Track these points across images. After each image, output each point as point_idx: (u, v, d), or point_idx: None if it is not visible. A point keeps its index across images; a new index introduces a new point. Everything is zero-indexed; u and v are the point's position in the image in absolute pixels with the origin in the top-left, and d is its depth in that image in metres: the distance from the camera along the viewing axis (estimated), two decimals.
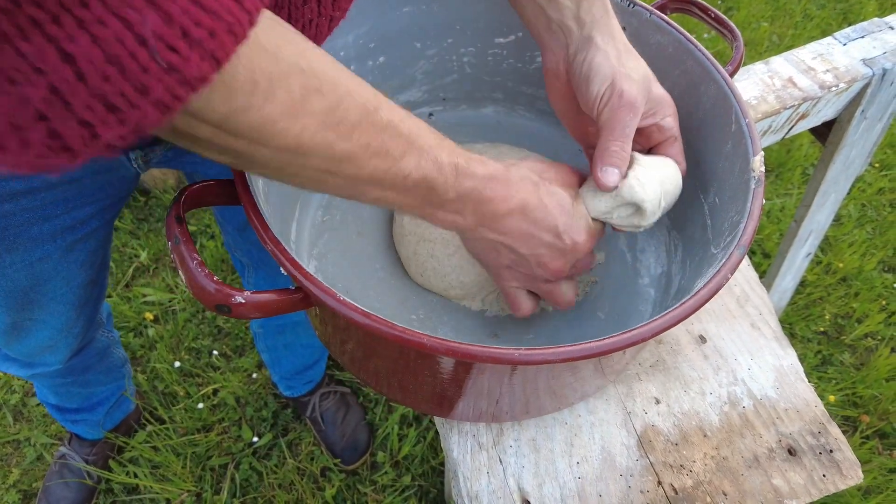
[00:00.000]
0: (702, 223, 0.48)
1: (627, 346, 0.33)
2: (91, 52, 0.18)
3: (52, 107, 0.19)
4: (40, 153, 0.20)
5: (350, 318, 0.32)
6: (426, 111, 0.66)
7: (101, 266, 0.68)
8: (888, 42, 0.84)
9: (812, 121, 0.84)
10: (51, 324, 0.69)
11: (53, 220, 0.56)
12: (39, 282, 0.61)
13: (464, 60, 0.62)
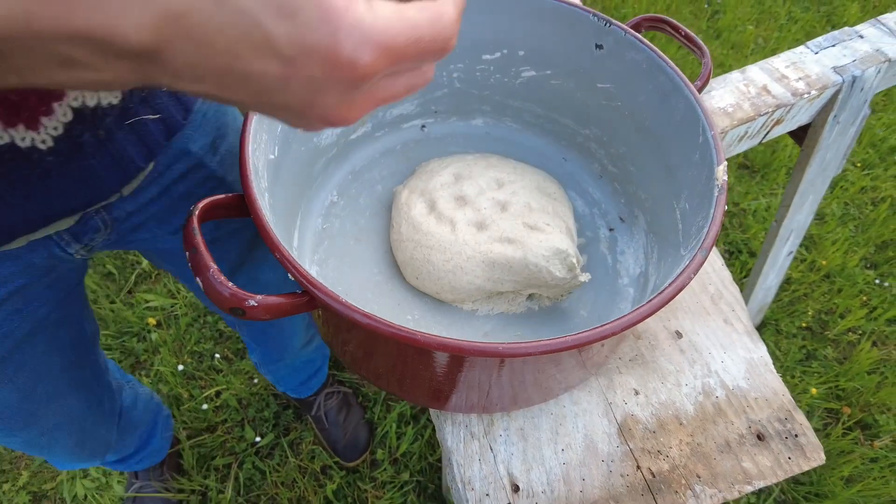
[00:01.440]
0: (674, 227, 0.52)
1: (598, 339, 0.37)
2: None
3: None
4: None
5: (352, 318, 0.36)
6: (419, 123, 0.70)
7: (80, 342, 0.63)
8: (858, 50, 0.88)
9: (787, 126, 0.89)
10: (65, 423, 0.66)
11: (15, 334, 0.52)
12: (29, 392, 0.58)
13: (454, 76, 0.66)
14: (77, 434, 0.69)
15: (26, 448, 0.66)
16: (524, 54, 0.63)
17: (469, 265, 0.55)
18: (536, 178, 0.62)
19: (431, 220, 0.57)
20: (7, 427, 0.60)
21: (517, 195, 0.59)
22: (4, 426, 0.60)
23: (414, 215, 0.58)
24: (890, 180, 1.76)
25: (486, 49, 0.63)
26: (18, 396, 0.57)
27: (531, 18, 0.58)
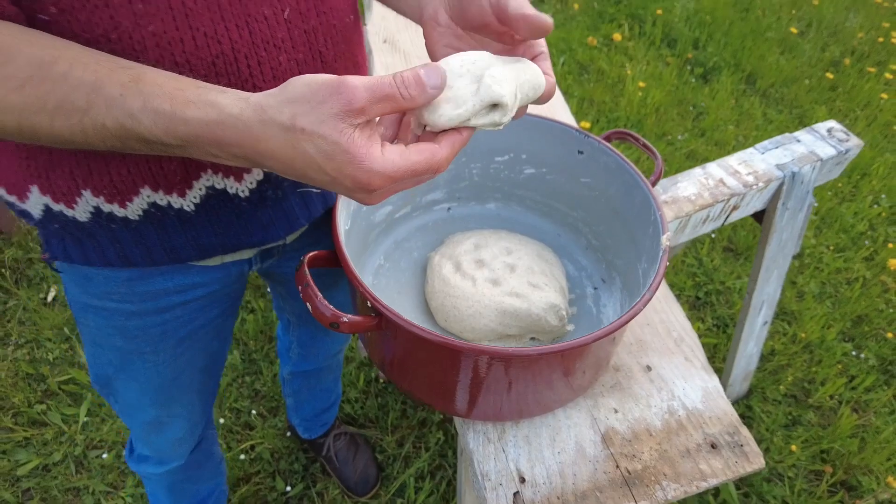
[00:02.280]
0: (638, 283, 0.71)
1: (567, 349, 0.54)
2: None
3: None
4: None
5: (414, 334, 0.54)
6: (446, 206, 0.91)
7: (218, 351, 0.82)
8: (796, 151, 1.09)
9: (744, 211, 1.08)
10: (184, 415, 0.84)
11: (194, 322, 0.72)
12: (178, 375, 0.76)
13: (473, 172, 0.87)
14: (185, 430, 0.86)
15: (146, 427, 0.83)
16: (526, 157, 0.84)
17: (486, 312, 0.73)
18: (537, 248, 0.81)
19: (457, 277, 0.75)
20: (151, 400, 0.78)
21: (522, 260, 0.78)
22: (151, 400, 0.78)
23: (444, 273, 0.76)
24: (861, 262, 1.94)
25: (497, 153, 0.85)
26: (171, 376, 0.76)
27: (531, 131, 0.80)
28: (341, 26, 0.58)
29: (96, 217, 0.57)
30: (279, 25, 0.51)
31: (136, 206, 0.56)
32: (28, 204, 0.57)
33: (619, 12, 3.27)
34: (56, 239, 0.61)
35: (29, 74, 0.39)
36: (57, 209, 0.56)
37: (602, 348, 0.64)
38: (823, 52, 3.12)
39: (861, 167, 2.31)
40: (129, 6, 0.45)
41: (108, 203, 0.55)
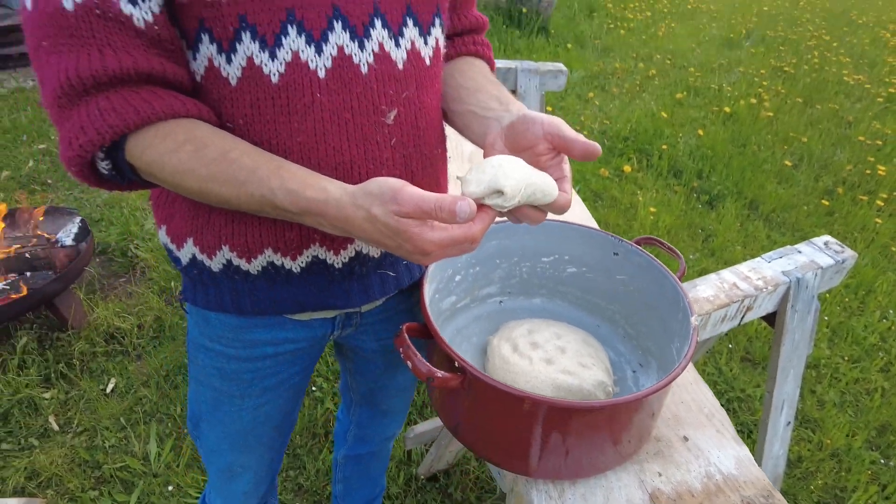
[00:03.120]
0: (673, 362, 0.83)
1: (610, 405, 0.66)
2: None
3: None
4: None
5: (495, 386, 0.67)
6: (498, 299, 1.06)
7: (291, 411, 0.93)
8: (798, 260, 1.25)
9: (757, 312, 1.22)
10: (253, 468, 0.94)
11: (278, 375, 0.85)
12: (256, 426, 0.88)
13: (522, 270, 1.03)
14: (252, 484, 0.95)
15: (220, 473, 0.93)
16: (568, 258, 1.01)
17: (542, 387, 0.85)
18: (582, 335, 0.95)
19: (515, 357, 0.89)
20: (229, 445, 0.89)
21: (571, 344, 0.92)
22: (230, 445, 0.89)
23: (503, 353, 0.90)
24: (877, 372, 2.02)
25: (543, 254, 1.01)
26: (250, 425, 0.87)
27: (573, 237, 0.97)
28: (431, 155, 0.78)
29: (226, 268, 0.73)
30: (386, 149, 0.70)
31: (258, 263, 0.73)
32: (181, 252, 0.75)
33: (628, 147, 3.63)
34: (191, 284, 0.78)
35: (214, 157, 0.59)
36: (200, 258, 0.73)
37: (648, 408, 0.75)
38: (817, 182, 3.40)
39: (865, 284, 2.45)
40: (288, 124, 0.64)
41: (238, 258, 0.72)
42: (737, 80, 5.12)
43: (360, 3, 0.63)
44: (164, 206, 0.75)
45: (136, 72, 0.57)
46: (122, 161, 0.60)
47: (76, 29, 0.54)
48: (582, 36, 5.97)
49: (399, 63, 0.68)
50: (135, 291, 2.23)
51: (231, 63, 0.61)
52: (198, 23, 0.59)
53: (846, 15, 8.80)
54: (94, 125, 0.56)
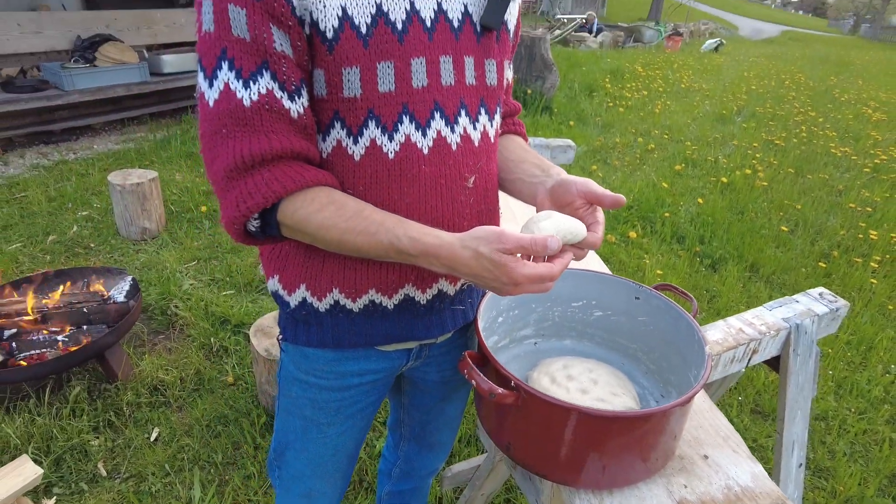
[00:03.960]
0: (690, 385, 0.97)
1: (644, 413, 0.80)
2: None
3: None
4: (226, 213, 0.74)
5: (547, 401, 0.81)
6: (533, 341, 1.20)
7: (361, 440, 1.06)
8: (796, 309, 1.40)
9: (763, 355, 1.35)
10: (327, 495, 1.06)
11: (358, 404, 0.98)
12: (336, 452, 1.01)
13: (555, 314, 1.18)
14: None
15: (300, 499, 1.04)
16: (595, 303, 1.16)
17: None
18: (611, 369, 1.09)
19: (554, 387, 1.02)
20: (312, 471, 1.01)
21: (602, 376, 1.05)
22: (312, 470, 1.01)
23: (542, 384, 1.03)
24: (884, 424, 2.11)
25: (573, 299, 1.17)
26: (332, 451, 1.00)
27: (600, 284, 1.13)
28: (493, 209, 0.97)
29: (333, 308, 0.89)
30: (467, 206, 0.88)
31: (361, 301, 0.88)
32: (292, 297, 0.90)
33: (632, 215, 3.84)
34: (293, 324, 0.93)
35: (351, 215, 0.75)
36: (310, 301, 0.89)
37: (672, 427, 0.89)
38: (813, 245, 3.58)
39: (866, 341, 2.58)
40: (399, 189, 0.81)
41: (346, 298, 0.88)
42: (731, 152, 5.42)
43: (452, 99, 0.82)
44: (277, 260, 0.91)
45: (291, 152, 0.75)
46: (272, 219, 0.77)
47: (250, 120, 0.72)
48: (583, 114, 6.37)
49: (475, 141, 0.87)
50: (174, 347, 2.36)
51: (357, 143, 0.79)
52: (333, 113, 0.78)
53: (829, 93, 9.33)
54: (260, 191, 0.73)
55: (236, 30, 0.70)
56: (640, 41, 15.33)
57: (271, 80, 0.72)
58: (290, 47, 0.73)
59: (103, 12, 5.25)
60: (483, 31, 0.84)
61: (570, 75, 8.26)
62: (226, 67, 0.71)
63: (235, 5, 0.70)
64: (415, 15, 0.77)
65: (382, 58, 0.75)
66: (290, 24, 0.71)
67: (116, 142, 4.88)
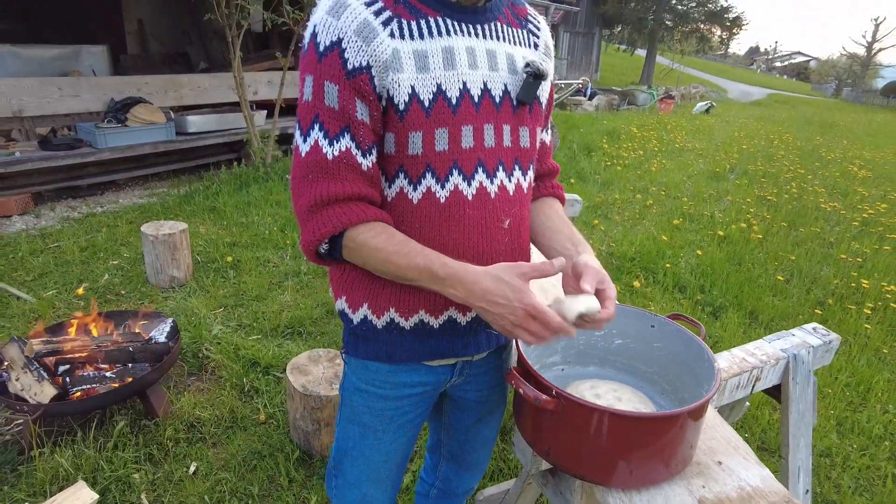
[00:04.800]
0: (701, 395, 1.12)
1: (669, 414, 0.95)
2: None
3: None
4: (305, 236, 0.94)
5: (583, 405, 0.96)
6: (560, 367, 1.35)
7: (408, 452, 1.20)
8: (793, 341, 1.56)
9: (765, 383, 1.50)
10: (379, 500, 1.20)
11: (408, 414, 1.13)
12: (388, 458, 1.17)
13: (580, 342, 1.34)
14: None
15: (355, 503, 1.16)
16: (616, 332, 1.32)
17: None
18: (632, 389, 1.24)
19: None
20: (367, 476, 1.15)
21: (625, 395, 1.20)
22: (367, 476, 1.15)
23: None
24: (886, 459, 2.22)
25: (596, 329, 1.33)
26: (385, 458, 1.14)
27: (619, 315, 1.30)
28: (525, 248, 1.13)
29: (388, 325, 1.04)
30: (503, 244, 1.04)
31: (412, 320, 1.03)
32: (355, 315, 1.05)
33: (635, 266, 4.03)
34: (354, 339, 1.08)
35: (399, 242, 0.92)
36: (370, 319, 1.04)
37: (688, 436, 1.03)
38: (808, 294, 3.75)
39: (864, 382, 2.71)
40: (448, 228, 0.97)
41: (400, 317, 1.03)
42: (726, 207, 5.68)
43: (492, 158, 0.99)
44: (345, 283, 1.06)
45: (359, 195, 0.94)
46: (338, 244, 0.95)
47: (330, 169, 0.91)
48: (583, 172, 6.67)
49: (510, 191, 1.03)
50: (206, 388, 2.49)
51: (416, 190, 0.96)
52: (398, 166, 0.96)
53: (816, 152, 9.74)
54: (332, 222, 0.92)
55: (328, 100, 0.90)
56: (633, 104, 16.02)
57: (350, 140, 0.91)
58: (369, 116, 0.91)
59: (135, 77, 5.62)
60: (519, 104, 1.01)
61: (569, 136, 8.67)
62: (317, 129, 0.91)
63: (331, 82, 0.89)
64: (466, 93, 0.95)
65: (439, 125, 0.93)
66: (370, 99, 0.90)
67: (140, 196, 5.12)
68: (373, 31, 0.89)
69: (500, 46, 1.01)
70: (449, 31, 0.95)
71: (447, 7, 0.95)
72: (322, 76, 0.89)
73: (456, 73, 0.94)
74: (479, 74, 0.96)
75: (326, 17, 0.89)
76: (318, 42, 0.89)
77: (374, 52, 0.88)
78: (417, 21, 0.92)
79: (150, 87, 5.67)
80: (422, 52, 0.92)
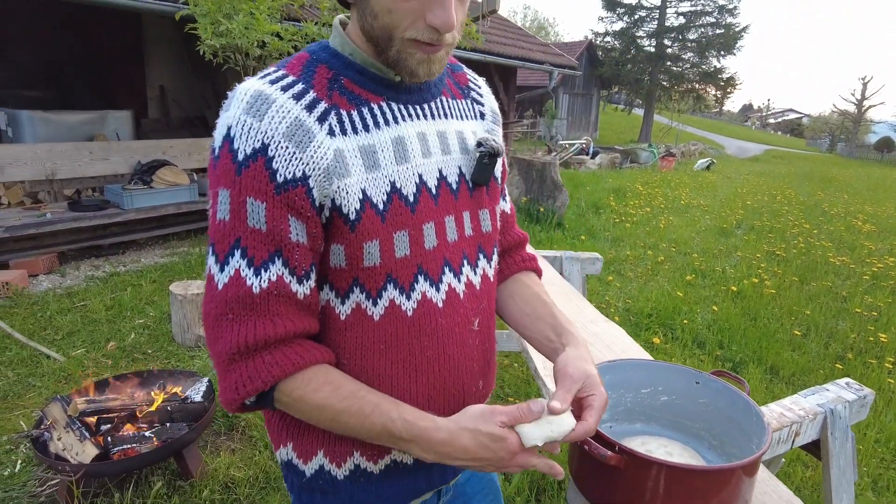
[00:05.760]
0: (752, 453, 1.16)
1: (732, 466, 0.99)
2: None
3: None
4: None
5: (649, 460, 1.01)
6: (609, 425, 1.40)
7: None
8: (828, 396, 1.60)
9: (804, 438, 1.53)
10: None
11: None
12: None
13: (626, 400, 1.39)
14: None
15: None
16: (662, 389, 1.37)
17: None
18: (681, 445, 1.28)
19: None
20: None
21: (675, 450, 1.24)
22: None
23: None
24: None
25: (642, 386, 1.38)
26: None
27: (664, 372, 1.35)
28: (493, 342, 0.99)
29: (353, 473, 0.86)
30: (475, 349, 0.91)
31: (382, 462, 0.87)
32: (308, 465, 0.87)
33: (653, 322, 4.08)
34: (308, 496, 0.89)
35: (346, 395, 0.76)
36: (328, 468, 0.86)
37: (748, 488, 1.07)
38: (827, 349, 3.78)
39: (894, 438, 2.70)
40: (419, 344, 0.83)
41: (367, 460, 0.86)
42: (737, 263, 5.76)
43: (456, 253, 0.87)
44: (289, 427, 0.87)
45: (295, 333, 0.76)
46: (269, 396, 0.77)
47: (256, 305, 0.73)
48: (593, 229, 6.81)
49: (477, 285, 0.91)
50: (238, 448, 2.50)
51: (377, 305, 0.80)
52: (352, 280, 0.79)
53: (819, 207, 9.92)
54: (260, 376, 0.74)
55: (253, 221, 0.71)
56: (636, 162, 16.42)
57: (282, 266, 0.74)
58: (306, 235, 0.75)
59: (161, 140, 5.86)
60: (475, 186, 0.91)
61: (576, 194, 8.87)
62: (238, 255, 0.72)
63: (255, 199, 0.71)
64: (423, 186, 0.83)
65: (398, 228, 0.79)
66: (308, 216, 0.73)
67: (162, 255, 5.23)
68: (307, 133, 0.73)
69: (450, 125, 0.90)
70: (396, 118, 0.82)
71: (390, 90, 0.82)
72: (243, 192, 0.71)
73: (409, 165, 0.81)
74: (433, 162, 0.85)
75: (245, 118, 0.71)
76: (236, 149, 0.71)
77: (311, 159, 0.72)
78: (359, 110, 0.79)
79: (174, 149, 5.89)
80: (369, 147, 0.78)
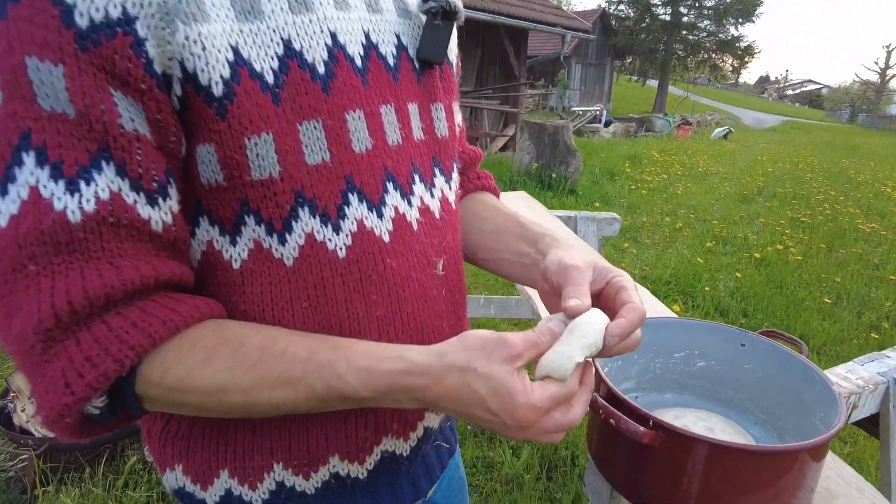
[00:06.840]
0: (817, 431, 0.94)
1: (794, 450, 0.78)
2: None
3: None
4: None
5: (692, 437, 0.79)
6: (634, 395, 1.18)
7: None
8: (889, 364, 1.38)
9: (862, 412, 1.32)
10: None
11: None
12: None
13: (656, 365, 1.17)
14: None
15: None
16: (698, 352, 1.15)
17: None
18: (722, 418, 1.07)
19: None
20: None
21: (716, 424, 1.03)
22: None
23: None
24: None
25: (675, 350, 1.17)
26: None
27: (703, 333, 1.13)
28: (463, 293, 0.72)
29: (275, 495, 0.61)
30: (440, 301, 0.65)
31: (318, 477, 0.61)
32: (209, 492, 0.60)
33: (672, 290, 3.85)
34: None
35: (257, 357, 0.49)
36: (238, 492, 0.60)
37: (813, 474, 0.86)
38: (860, 318, 3.53)
39: None
40: (363, 298, 0.57)
41: (294, 474, 0.60)
42: (760, 229, 5.49)
43: (402, 162, 0.60)
44: (178, 441, 0.61)
45: (156, 282, 0.48)
46: (127, 393, 0.48)
47: (81, 242, 0.45)
48: (607, 196, 6.54)
49: (436, 213, 0.65)
50: None
51: (286, 243, 0.53)
52: (240, 205, 0.52)
53: (844, 174, 9.54)
54: (107, 352, 0.45)
55: (47, 99, 0.43)
56: (651, 130, 15.99)
57: (116, 175, 0.46)
58: (146, 122, 0.47)
59: None
60: (423, 68, 0.64)
61: (590, 161, 8.57)
62: (30, 162, 0.44)
63: (43, 60, 0.43)
64: (339, 51, 0.55)
65: (305, 116, 0.52)
66: (143, 88, 0.46)
67: None
68: None
69: None
70: None
71: None
72: (16, 47, 0.43)
73: (314, 17, 0.53)
74: (353, 19, 0.57)
75: None
76: None
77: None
78: None
79: None
80: None
